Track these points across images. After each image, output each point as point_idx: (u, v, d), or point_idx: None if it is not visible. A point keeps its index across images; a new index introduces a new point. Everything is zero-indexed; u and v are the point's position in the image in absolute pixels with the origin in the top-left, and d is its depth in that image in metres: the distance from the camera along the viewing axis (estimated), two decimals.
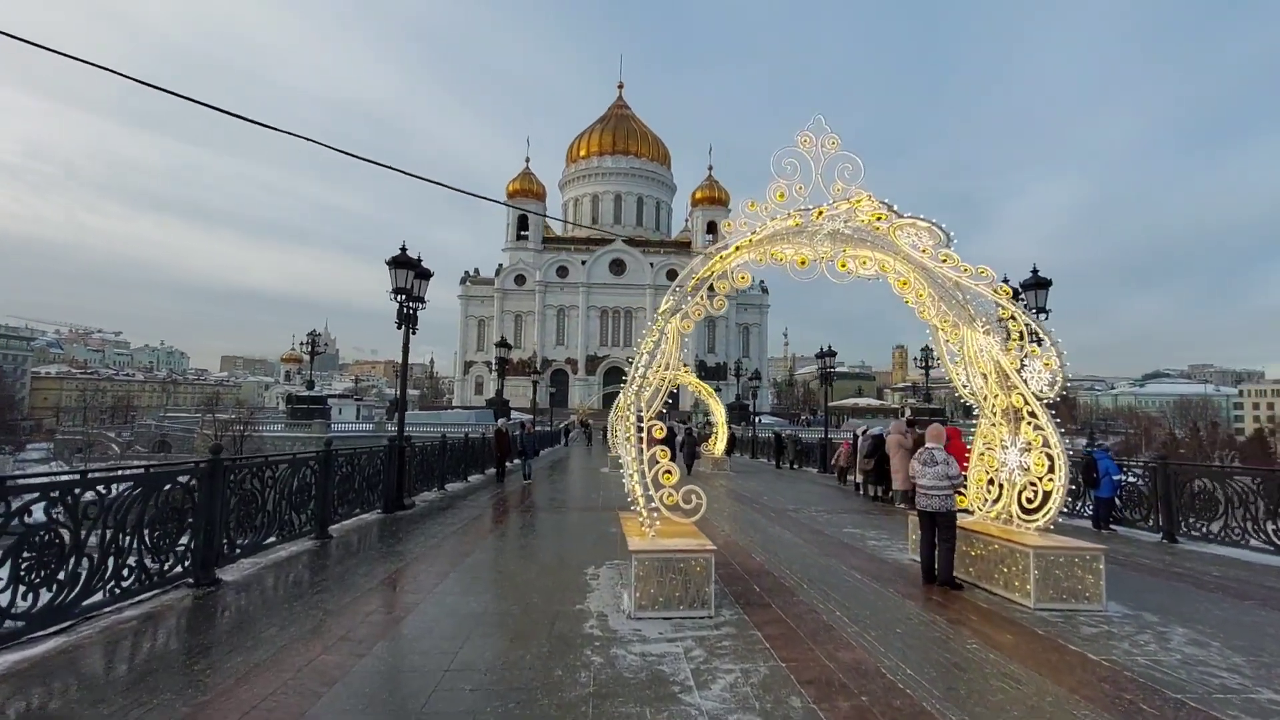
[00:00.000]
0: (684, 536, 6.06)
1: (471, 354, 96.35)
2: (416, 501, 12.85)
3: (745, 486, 18.31)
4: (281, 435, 57.60)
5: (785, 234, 7.09)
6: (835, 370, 29.36)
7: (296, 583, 6.74)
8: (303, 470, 8.59)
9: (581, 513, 12.25)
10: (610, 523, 10.70)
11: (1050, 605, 5.93)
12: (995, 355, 7.21)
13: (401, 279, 11.96)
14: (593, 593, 6.29)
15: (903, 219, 6.55)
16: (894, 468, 14.08)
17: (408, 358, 12.41)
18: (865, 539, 9.58)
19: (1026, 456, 7.02)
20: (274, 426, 61.73)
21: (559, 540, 9.30)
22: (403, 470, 11.99)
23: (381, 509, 11.36)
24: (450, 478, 16.18)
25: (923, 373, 53.43)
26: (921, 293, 7.46)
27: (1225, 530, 9.33)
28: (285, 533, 8.14)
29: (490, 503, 13.46)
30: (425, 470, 14.18)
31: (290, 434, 57.09)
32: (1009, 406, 7.30)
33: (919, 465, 6.70)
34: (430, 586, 6.49)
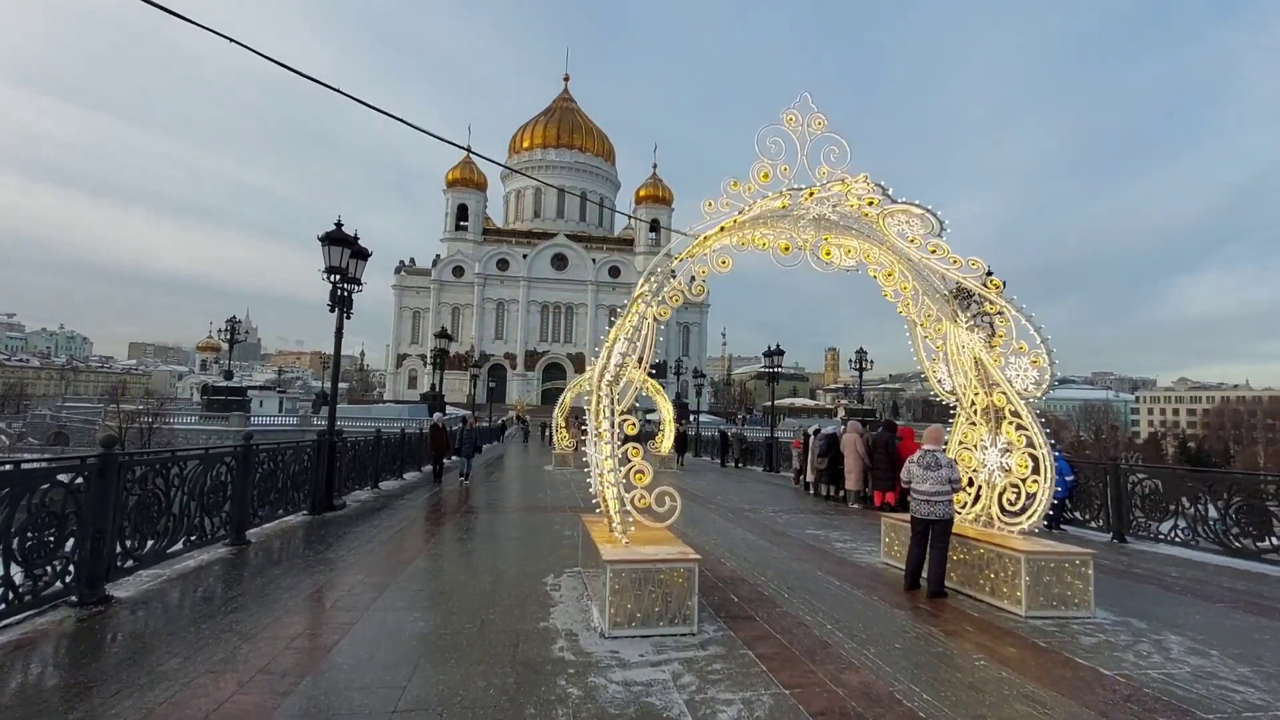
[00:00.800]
0: (660, 543, 5.47)
1: (405, 346, 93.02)
2: (348, 502, 11.79)
3: (695, 485, 17.89)
4: (195, 428, 54.07)
5: (770, 217, 6.61)
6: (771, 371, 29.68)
7: (206, 598, 5.78)
8: (217, 467, 7.54)
9: (530, 514, 11.49)
10: (564, 525, 10.02)
11: (1041, 613, 5.65)
12: (977, 352, 6.94)
13: (335, 257, 10.88)
14: (556, 607, 5.62)
15: (896, 204, 6.16)
16: (848, 468, 13.97)
17: (340, 344, 11.34)
18: (831, 541, 9.25)
19: (1008, 457, 6.78)
20: (187, 419, 57.79)
21: (511, 546, 8.55)
22: (333, 467, 10.93)
23: (308, 510, 10.30)
24: (385, 475, 15.07)
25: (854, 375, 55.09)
26: (905, 286, 7.12)
27: (1175, 531, 9.47)
28: (195, 539, 7.09)
29: (430, 503, 12.51)
30: (358, 467, 13.08)
31: (205, 427, 53.72)
32: (989, 405, 7.05)
33: (918, 469, 6.32)
34: (367, 602, 5.66)
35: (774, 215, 6.61)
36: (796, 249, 6.79)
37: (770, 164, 6.32)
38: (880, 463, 12.75)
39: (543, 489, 15.48)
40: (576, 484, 16.56)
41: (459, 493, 13.79)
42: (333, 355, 11.44)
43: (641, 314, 5.40)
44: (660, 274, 5.74)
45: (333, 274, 10.98)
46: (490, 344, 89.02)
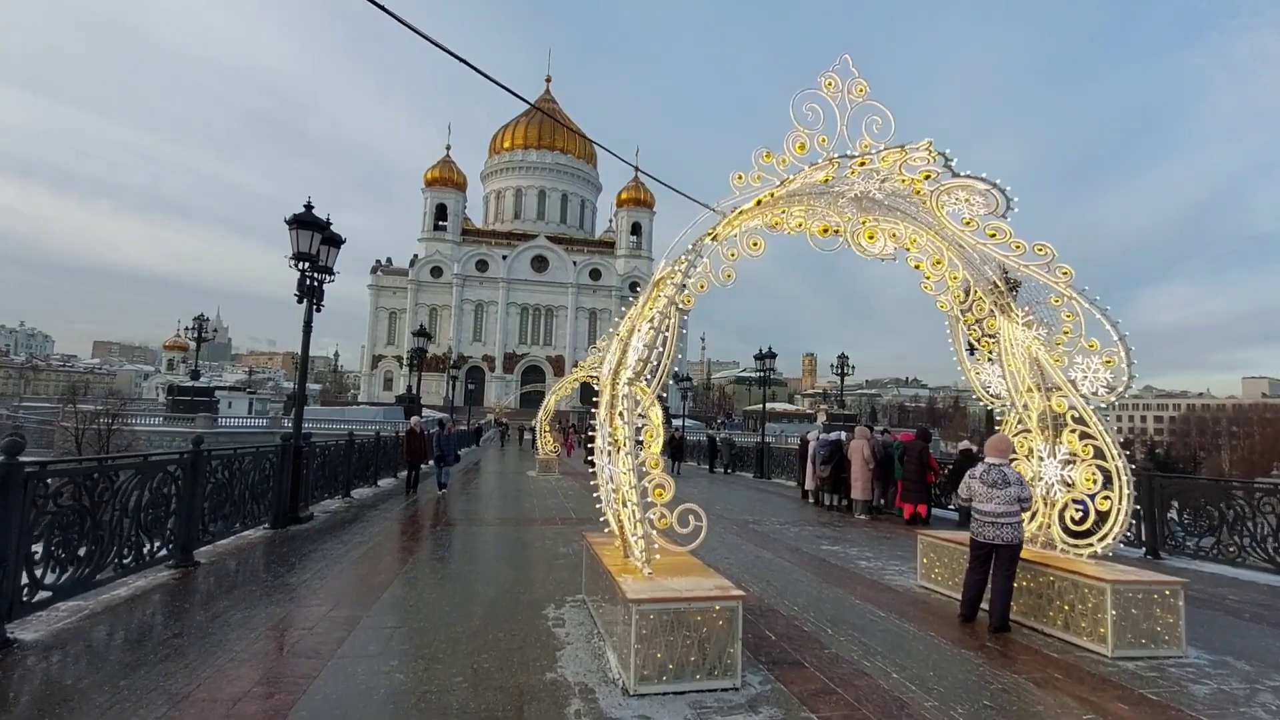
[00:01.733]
0: (689, 573, 4.57)
1: (381, 348, 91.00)
2: (316, 513, 10.70)
3: (689, 494, 17.00)
4: (159, 430, 51.95)
5: (807, 194, 5.76)
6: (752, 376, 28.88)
7: (135, 640, 4.74)
8: (158, 478, 6.46)
9: (518, 527, 10.49)
10: (557, 540, 9.07)
11: (1129, 653, 4.85)
12: (1035, 350, 6.16)
13: (305, 242, 9.82)
14: (564, 650, 4.67)
15: (956, 179, 5.33)
16: (854, 476, 13.20)
17: (309, 338, 10.26)
18: (852, 559, 8.41)
19: (1070, 470, 5.99)
20: (151, 420, 55.50)
21: (500, 567, 7.56)
22: (299, 475, 9.84)
23: (270, 524, 9.21)
24: (358, 482, 13.95)
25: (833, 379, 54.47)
26: (954, 276, 6.31)
27: (1218, 547, 8.81)
28: (130, 562, 6.02)
29: (406, 515, 11.45)
30: (328, 475, 11.98)
31: (170, 429, 51.63)
32: (1045, 411, 6.27)
33: (981, 486, 5.48)
34: (333, 644, 4.66)
35: (813, 192, 5.77)
36: (835, 232, 5.95)
37: (807, 134, 5.48)
38: (912, 473, 11.98)
39: (528, 498, 14.46)
40: (564, 492, 15.58)
41: (436, 503, 12.70)
42: (300, 351, 10.35)
43: (671, 298, 4.48)
44: (690, 253, 4.83)
45: (301, 261, 9.91)
46: (468, 346, 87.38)
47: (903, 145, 5.07)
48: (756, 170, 5.50)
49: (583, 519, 11.28)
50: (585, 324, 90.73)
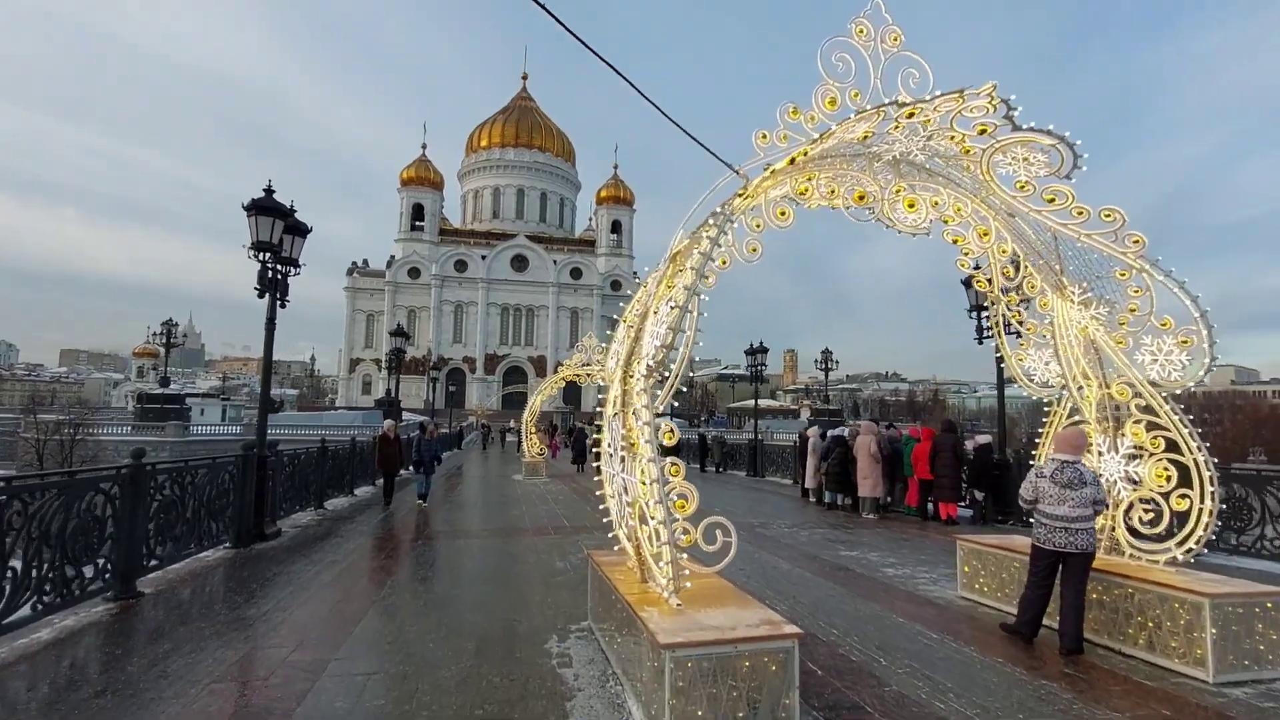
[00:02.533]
0: (725, 602, 3.79)
1: (359, 351, 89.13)
2: (284, 528, 9.76)
3: None
4: (127, 439, 50.10)
5: (841, 154, 5.02)
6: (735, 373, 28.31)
7: (50, 699, 3.85)
8: (90, 498, 5.55)
9: (508, 539, 9.64)
10: (552, 553, 8.25)
11: (1233, 677, 4.17)
12: (1093, 332, 5.48)
13: (265, 230, 8.88)
14: (575, 699, 3.86)
15: (1016, 134, 4.60)
16: (862, 473, 12.53)
17: (272, 336, 9.32)
18: (877, 567, 7.71)
19: (1136, 465, 5.32)
20: (119, 429, 53.55)
21: (490, 589, 6.71)
22: (264, 488, 8.92)
23: (232, 542, 8.29)
24: (332, 492, 13.00)
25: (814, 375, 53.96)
26: (1001, 250, 5.61)
27: (1261, 543, 8.25)
28: (52, 598, 5.11)
29: (385, 528, 10.54)
30: (298, 485, 11.03)
31: (138, 438, 49.79)
32: (1104, 400, 5.59)
33: (1052, 486, 4.77)
34: (291, 701, 3.82)
35: (846, 153, 5.04)
36: (873, 199, 5.21)
37: (837, 87, 4.72)
38: (947, 470, 11.32)
39: (516, 504, 13.60)
40: (554, 497, 14.74)
41: (417, 515, 11.76)
42: (264, 351, 9.40)
43: (698, 270, 3.69)
44: (718, 216, 4.03)
45: (261, 251, 8.97)
46: (448, 347, 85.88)
47: (960, 90, 4.34)
48: (782, 129, 4.73)
49: (577, 527, 10.46)
50: (567, 323, 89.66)
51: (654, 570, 3.88)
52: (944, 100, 4.36)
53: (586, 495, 15.28)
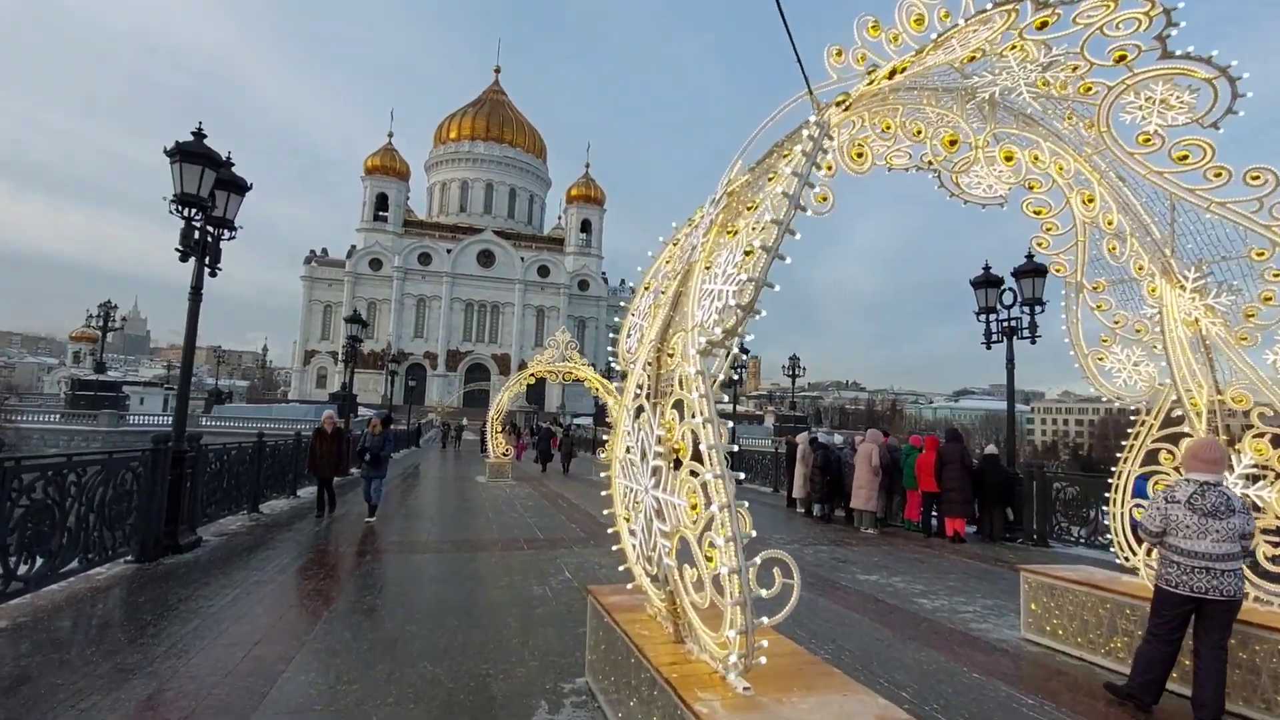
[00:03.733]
0: (812, 684, 2.61)
1: (314, 342, 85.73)
2: (207, 536, 8.26)
3: None
4: (56, 428, 46.89)
5: (933, 85, 3.93)
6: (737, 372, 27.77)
7: None
8: None
9: (473, 556, 8.32)
10: (529, 575, 6.98)
11: None
12: (1205, 325, 4.51)
13: (191, 180, 7.41)
14: None
15: (1171, 60, 3.56)
16: (858, 483, 11.55)
17: (197, 310, 7.84)
18: (904, 594, 6.66)
19: (1260, 488, 4.36)
20: (47, 417, 50.04)
21: (457, 624, 5.39)
22: (180, 488, 7.44)
23: (135, 555, 6.81)
24: (272, 493, 11.45)
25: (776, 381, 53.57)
26: (1107, 220, 4.58)
27: None
28: None
29: (327, 539, 9.10)
30: (229, 485, 9.51)
31: (68, 427, 46.67)
32: (1214, 409, 4.63)
33: (1189, 515, 3.71)
34: None
35: (938, 85, 3.95)
36: (963, 147, 4.11)
37: (923, 6, 3.64)
38: (956, 482, 10.36)
39: (480, 511, 12.23)
40: (522, 503, 13.41)
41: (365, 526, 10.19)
42: (186, 328, 7.90)
43: (794, 195, 2.49)
44: (812, 132, 2.84)
45: (186, 206, 7.50)
46: (409, 342, 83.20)
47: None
48: (860, 47, 3.61)
49: (553, 540, 9.19)
50: (533, 322, 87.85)
51: (702, 633, 2.70)
52: (1092, 5, 3.29)
53: (557, 501, 14.00)
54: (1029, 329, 11.26)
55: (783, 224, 2.35)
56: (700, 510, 2.59)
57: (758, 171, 3.23)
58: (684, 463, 2.74)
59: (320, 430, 10.66)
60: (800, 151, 2.59)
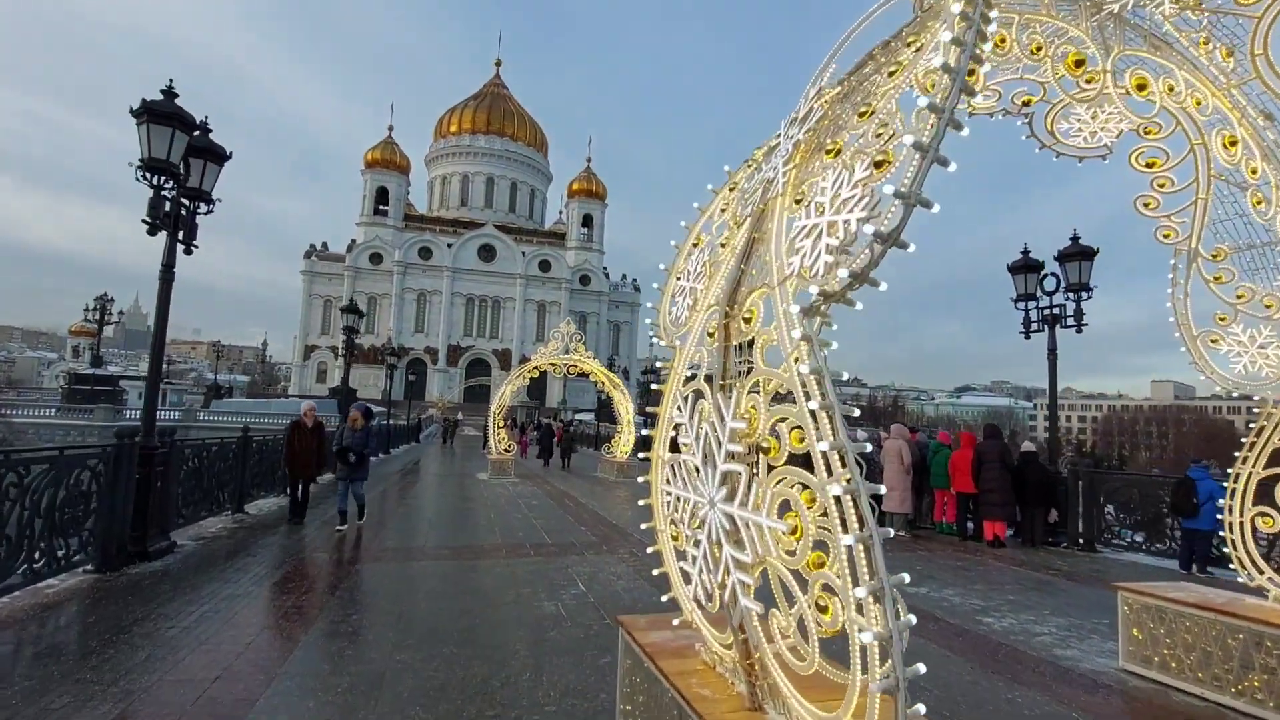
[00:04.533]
0: None
1: (314, 337, 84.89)
2: (183, 541, 7.50)
3: None
4: (51, 422, 46.15)
5: None
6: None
7: None
8: None
9: (476, 564, 7.56)
10: (538, 587, 6.19)
11: None
12: None
13: (160, 144, 6.61)
14: None
15: None
16: (889, 483, 10.76)
17: (169, 291, 7.05)
18: (964, 610, 5.87)
19: None
20: (42, 411, 49.35)
21: (457, 654, 4.60)
22: (149, 489, 6.66)
23: (96, 564, 6.05)
24: (258, 492, 10.68)
25: None
26: (1251, 167, 3.78)
27: None
28: None
29: (313, 544, 8.34)
30: (209, 484, 8.73)
31: (64, 421, 45.91)
32: None
33: None
34: None
35: None
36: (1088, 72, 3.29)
37: None
38: (995, 482, 9.57)
39: (482, 511, 11.46)
40: (527, 502, 12.64)
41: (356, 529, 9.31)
42: (155, 311, 7.11)
43: (955, 68, 1.70)
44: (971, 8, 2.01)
45: (154, 174, 6.70)
46: (410, 337, 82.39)
47: None
48: None
49: (562, 546, 8.42)
50: (534, 317, 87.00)
51: (802, 710, 1.90)
52: None
53: (563, 500, 13.23)
54: (1074, 317, 10.44)
55: (944, 112, 1.56)
56: (804, 534, 1.80)
57: (853, 83, 2.43)
58: (775, 468, 1.94)
59: (298, 423, 9.47)
60: (946, 26, 1.79)
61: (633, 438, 20.20)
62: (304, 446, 9.30)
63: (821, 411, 1.70)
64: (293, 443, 9.30)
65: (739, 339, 2.28)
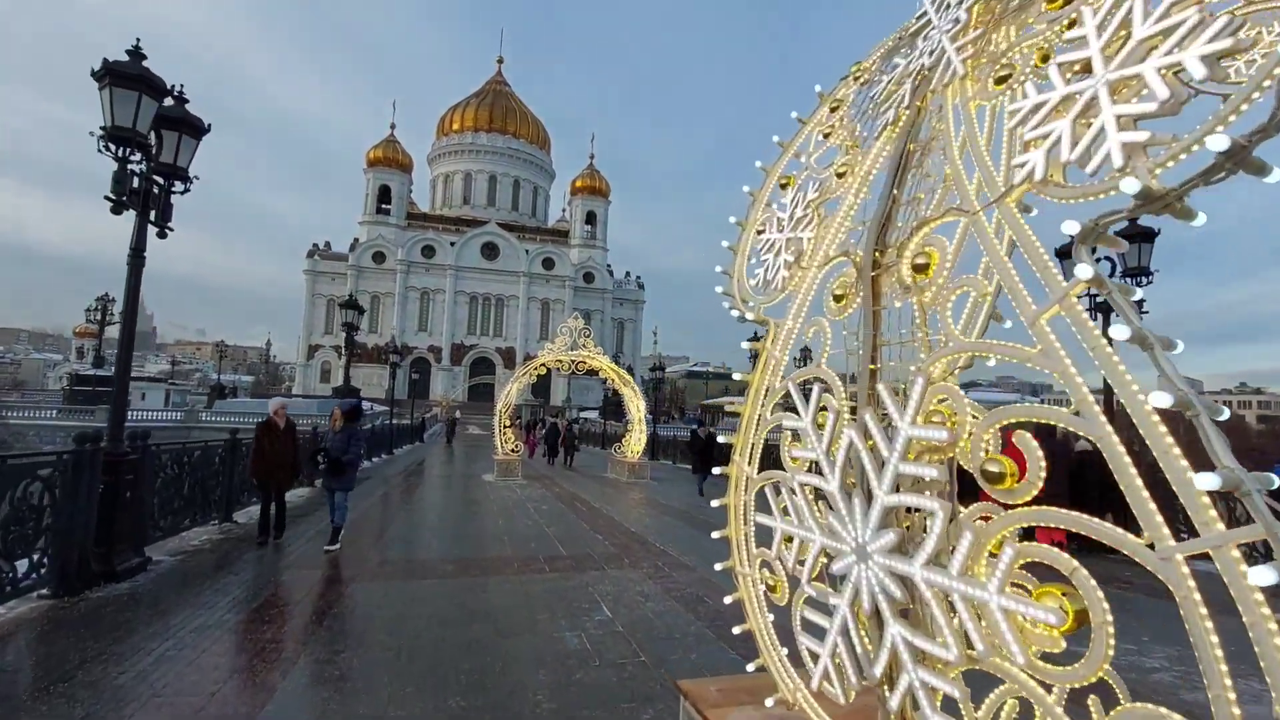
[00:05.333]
0: None
1: (318, 337, 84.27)
2: (159, 557, 6.74)
3: (678, 499, 13.58)
4: (52, 424, 45.63)
5: None
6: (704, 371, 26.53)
7: None
8: None
9: (483, 583, 6.77)
10: (557, 611, 5.38)
11: None
12: None
13: (124, 110, 5.83)
14: None
15: None
16: None
17: (138, 278, 6.28)
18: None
19: None
20: (44, 413, 48.86)
21: (462, 703, 3.82)
22: (115, 500, 5.90)
23: (53, 588, 5.29)
24: (251, 498, 9.90)
25: None
26: None
27: None
28: None
29: (306, 559, 7.57)
30: (193, 492, 7.97)
31: (64, 423, 45.33)
32: None
33: None
34: None
35: None
36: None
37: None
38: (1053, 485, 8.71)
39: (489, 516, 10.69)
40: (536, 506, 11.87)
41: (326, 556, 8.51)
42: (124, 302, 6.34)
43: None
44: None
45: (118, 145, 5.92)
46: (414, 336, 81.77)
47: None
48: None
49: (579, 558, 7.63)
50: (538, 315, 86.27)
51: None
52: None
53: (574, 504, 12.45)
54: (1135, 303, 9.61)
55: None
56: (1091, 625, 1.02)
57: None
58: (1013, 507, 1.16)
59: (268, 424, 8.13)
60: None
61: (644, 436, 19.43)
62: (275, 451, 7.98)
63: (1139, 402, 0.92)
64: (261, 447, 7.97)
65: (905, 297, 1.49)
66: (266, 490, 8.08)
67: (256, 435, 8.12)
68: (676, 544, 8.62)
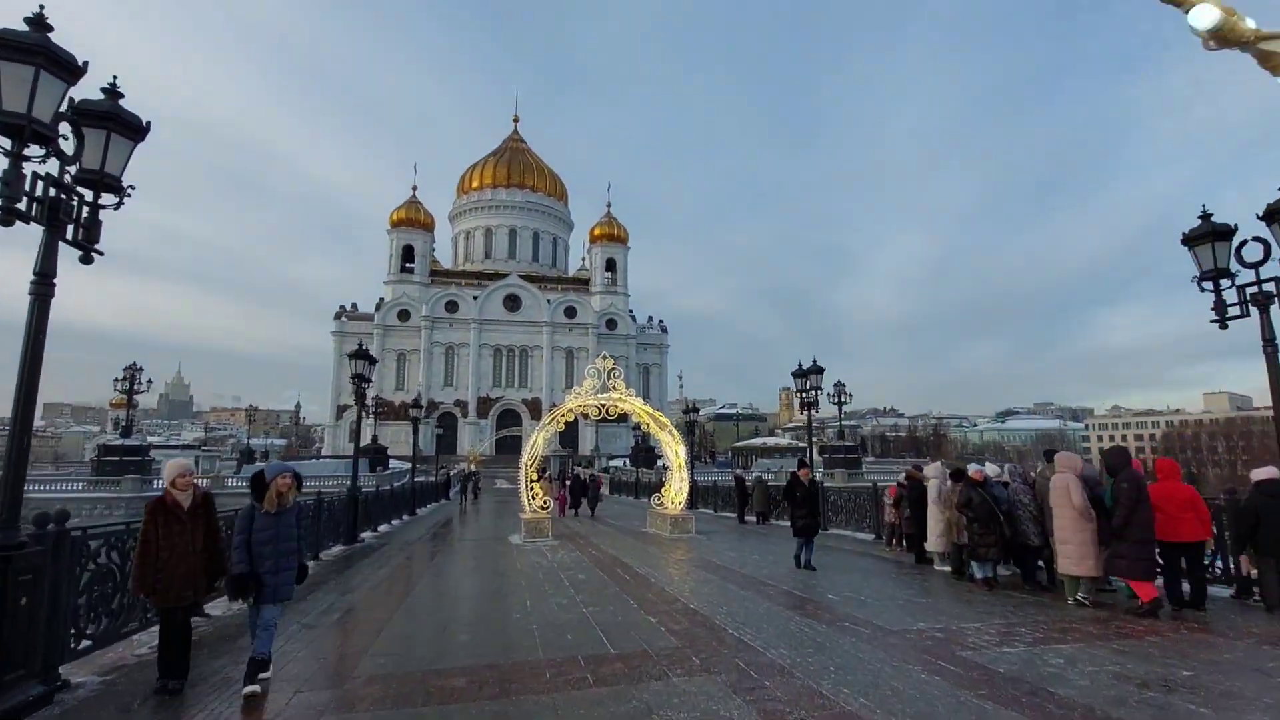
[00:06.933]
0: None
1: (346, 397, 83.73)
2: (79, 679, 5.09)
3: (738, 560, 11.61)
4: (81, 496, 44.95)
5: None
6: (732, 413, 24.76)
7: None
8: None
9: (502, 706, 4.98)
10: None
11: None
12: None
13: (15, 94, 4.44)
14: None
15: None
16: (1061, 536, 7.99)
17: (46, 313, 4.82)
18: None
19: None
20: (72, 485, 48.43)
21: None
22: (5, 609, 4.30)
23: None
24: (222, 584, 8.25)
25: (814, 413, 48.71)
26: None
27: None
28: None
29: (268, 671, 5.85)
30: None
31: (93, 495, 44.74)
32: None
33: None
34: None
35: None
36: None
37: None
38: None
39: (516, 594, 8.86)
40: (570, 576, 10.02)
41: (340, 632, 6.84)
42: (25, 339, 4.86)
43: None
44: None
45: (12, 137, 4.54)
46: (440, 391, 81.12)
47: None
48: None
49: (628, 657, 5.76)
50: (562, 364, 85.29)
51: None
52: None
53: (615, 571, 10.57)
54: None
55: None
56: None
57: None
58: None
59: (159, 505, 5.05)
60: None
61: (685, 485, 17.53)
62: (175, 546, 4.97)
63: None
64: (150, 542, 4.92)
65: None
66: (165, 609, 5.10)
67: (145, 522, 5.00)
68: (756, 630, 6.61)
